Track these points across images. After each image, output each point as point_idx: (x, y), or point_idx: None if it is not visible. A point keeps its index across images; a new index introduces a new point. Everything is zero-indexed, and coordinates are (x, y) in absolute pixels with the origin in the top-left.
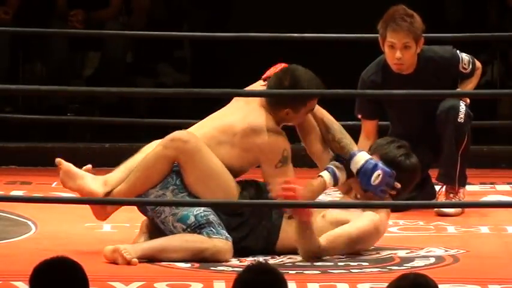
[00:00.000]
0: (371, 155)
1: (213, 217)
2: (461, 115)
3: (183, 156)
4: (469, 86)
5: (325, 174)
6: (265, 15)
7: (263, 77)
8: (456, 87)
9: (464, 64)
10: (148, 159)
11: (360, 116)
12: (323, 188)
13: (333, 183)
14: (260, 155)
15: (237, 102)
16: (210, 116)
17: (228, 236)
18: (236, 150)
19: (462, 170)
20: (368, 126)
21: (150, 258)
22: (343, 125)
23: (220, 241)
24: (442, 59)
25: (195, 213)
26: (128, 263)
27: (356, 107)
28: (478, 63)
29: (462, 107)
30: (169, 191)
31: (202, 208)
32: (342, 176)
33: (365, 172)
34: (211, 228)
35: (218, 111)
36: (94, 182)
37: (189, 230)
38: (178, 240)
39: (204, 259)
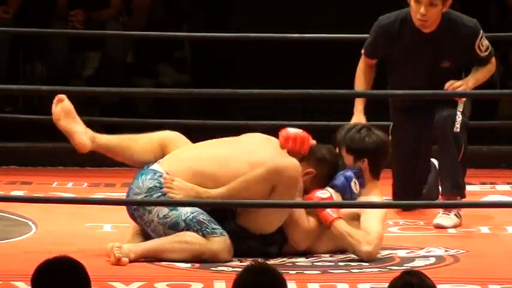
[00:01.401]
0: (338, 148)
1: (202, 216)
2: (457, 125)
3: (281, 186)
4: (477, 75)
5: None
6: (265, 15)
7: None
8: (464, 72)
9: (482, 45)
10: (250, 179)
11: (362, 52)
12: None
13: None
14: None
15: (259, 136)
16: (233, 144)
17: (223, 230)
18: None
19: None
20: (367, 62)
21: (148, 258)
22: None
23: (217, 240)
24: (464, 26)
25: (183, 217)
26: (118, 261)
27: (366, 43)
28: (494, 59)
29: (458, 116)
30: (154, 194)
31: (189, 211)
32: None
33: (344, 188)
34: (205, 228)
35: (240, 140)
36: (85, 133)
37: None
38: (178, 242)
39: (203, 260)
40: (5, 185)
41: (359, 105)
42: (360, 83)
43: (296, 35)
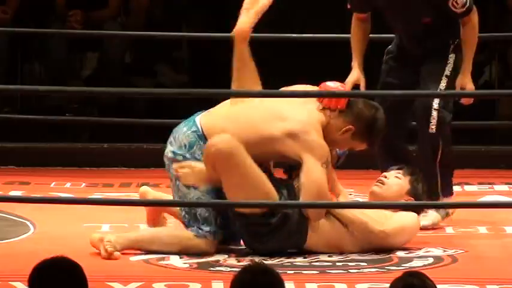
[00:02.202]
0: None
1: (202, 213)
2: (433, 124)
3: (218, 164)
4: (466, 53)
5: None
6: (264, 15)
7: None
8: (451, 27)
9: (456, 2)
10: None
11: (348, 7)
12: None
13: None
14: (308, 152)
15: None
16: (268, 109)
17: (213, 231)
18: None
19: (445, 180)
20: (357, 17)
21: (135, 249)
22: None
23: (202, 243)
24: None
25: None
26: (109, 255)
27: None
28: (473, 13)
29: (433, 113)
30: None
31: (196, 196)
32: None
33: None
34: (197, 226)
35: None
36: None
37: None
38: (167, 236)
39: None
40: (3, 185)
41: (356, 60)
42: (354, 40)
43: (296, 35)
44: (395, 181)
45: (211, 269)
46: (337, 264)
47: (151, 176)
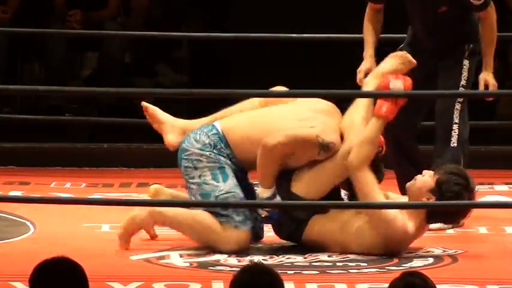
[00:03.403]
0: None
1: (233, 200)
2: (454, 138)
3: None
4: (486, 49)
5: None
6: (263, 15)
7: None
8: (467, 24)
9: None
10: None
11: None
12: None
13: None
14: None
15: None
16: (286, 114)
17: (245, 222)
18: None
19: None
20: (372, 7)
21: (165, 226)
22: None
23: (234, 234)
24: None
25: (216, 193)
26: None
27: None
28: (491, 7)
29: (454, 127)
30: (204, 158)
31: (226, 189)
32: None
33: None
34: (231, 214)
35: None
36: (172, 132)
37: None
38: (199, 223)
39: (210, 247)
40: (3, 185)
41: (368, 50)
42: (367, 30)
43: (296, 35)
44: (421, 177)
45: (212, 268)
46: (337, 264)
47: (151, 176)
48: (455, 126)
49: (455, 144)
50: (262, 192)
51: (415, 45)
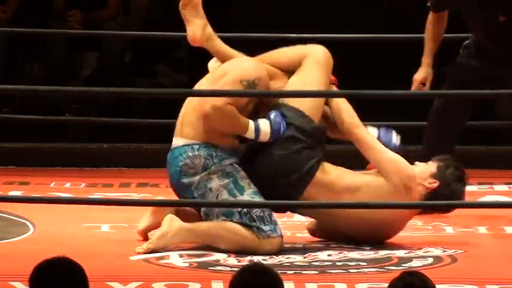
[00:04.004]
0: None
1: (257, 212)
2: None
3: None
4: None
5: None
6: (263, 14)
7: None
8: None
9: None
10: None
11: (428, 4)
12: None
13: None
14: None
15: None
16: None
17: (277, 229)
18: None
19: None
20: (433, 15)
21: (196, 241)
22: None
23: (272, 242)
24: None
25: (239, 209)
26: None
27: None
28: None
29: None
30: (214, 175)
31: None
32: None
33: (386, 134)
34: (258, 228)
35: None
36: (201, 28)
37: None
38: (232, 233)
39: (247, 253)
40: (3, 185)
41: (426, 58)
42: (428, 37)
43: (295, 34)
44: (420, 163)
45: (211, 268)
46: (337, 264)
47: (151, 176)
48: None
49: None
50: (249, 135)
51: (478, 47)
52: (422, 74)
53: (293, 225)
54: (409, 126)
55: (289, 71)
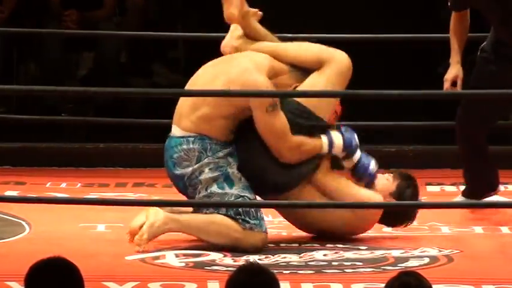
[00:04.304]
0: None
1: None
2: None
3: None
4: None
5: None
6: (265, 15)
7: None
8: None
9: None
10: None
11: (449, 5)
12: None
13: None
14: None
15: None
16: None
17: (263, 225)
18: None
19: None
20: (456, 15)
21: (181, 232)
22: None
23: (257, 236)
24: None
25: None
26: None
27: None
28: None
29: None
30: (207, 168)
31: (234, 194)
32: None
33: (363, 162)
34: (244, 220)
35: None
36: (238, 5)
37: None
38: (217, 225)
39: (233, 250)
40: None
41: (454, 56)
42: (453, 36)
43: (291, 34)
44: (382, 177)
45: (207, 268)
46: (333, 263)
47: (147, 176)
48: None
49: None
50: (323, 151)
51: (495, 49)
52: (454, 72)
53: (289, 225)
54: (409, 126)
55: (301, 68)
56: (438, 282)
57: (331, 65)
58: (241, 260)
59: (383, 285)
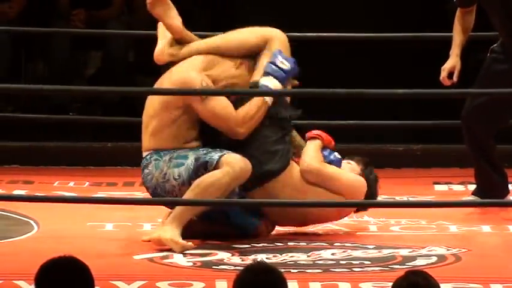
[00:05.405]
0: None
1: (203, 157)
2: None
3: None
4: None
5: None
6: (269, 14)
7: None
8: None
9: None
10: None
11: (454, 1)
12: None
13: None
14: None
15: None
16: None
17: (223, 150)
18: None
19: None
20: (461, 11)
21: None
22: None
23: (230, 157)
24: None
25: (191, 167)
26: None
27: None
28: None
29: None
30: (165, 167)
31: (193, 158)
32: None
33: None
34: (209, 161)
35: None
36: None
37: (191, 174)
38: (203, 189)
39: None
40: (7, 184)
41: (455, 48)
42: (456, 30)
43: (296, 34)
44: (346, 164)
45: (215, 267)
46: (341, 262)
47: None
48: None
49: None
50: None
51: (506, 49)
52: (451, 63)
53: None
54: (417, 125)
55: (245, 53)
56: (446, 281)
57: (275, 41)
58: (249, 259)
59: (391, 284)
